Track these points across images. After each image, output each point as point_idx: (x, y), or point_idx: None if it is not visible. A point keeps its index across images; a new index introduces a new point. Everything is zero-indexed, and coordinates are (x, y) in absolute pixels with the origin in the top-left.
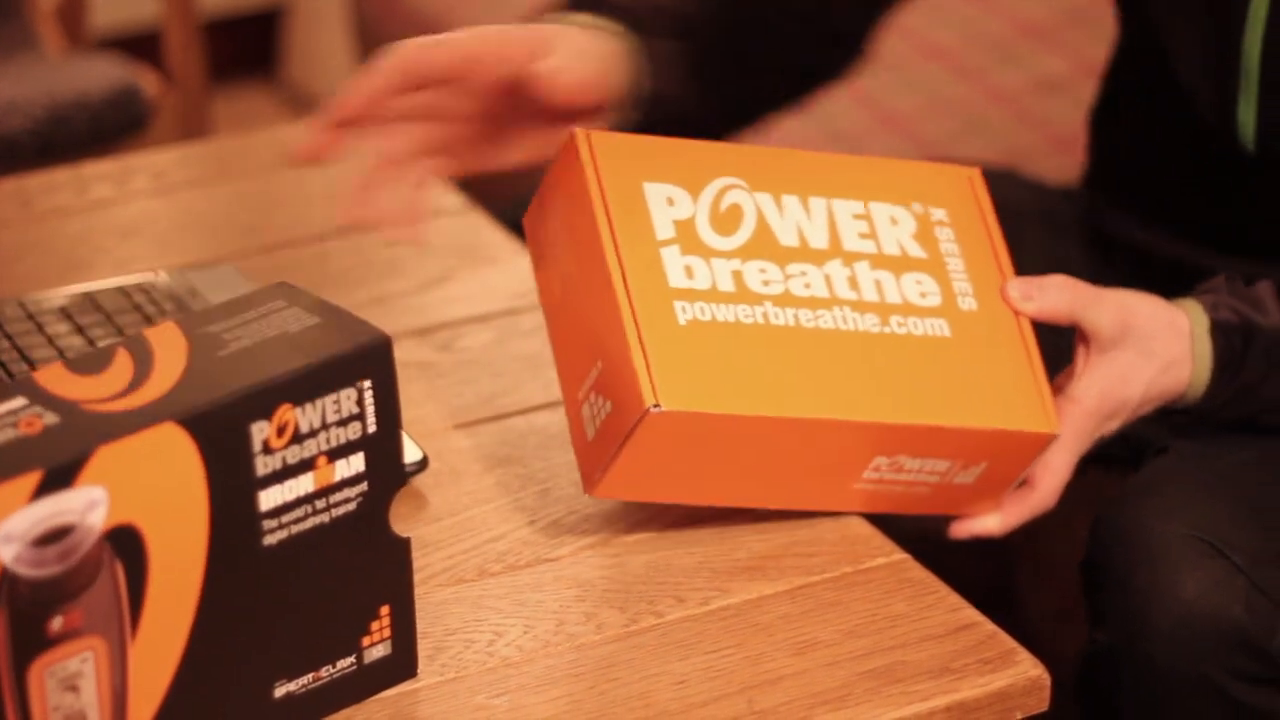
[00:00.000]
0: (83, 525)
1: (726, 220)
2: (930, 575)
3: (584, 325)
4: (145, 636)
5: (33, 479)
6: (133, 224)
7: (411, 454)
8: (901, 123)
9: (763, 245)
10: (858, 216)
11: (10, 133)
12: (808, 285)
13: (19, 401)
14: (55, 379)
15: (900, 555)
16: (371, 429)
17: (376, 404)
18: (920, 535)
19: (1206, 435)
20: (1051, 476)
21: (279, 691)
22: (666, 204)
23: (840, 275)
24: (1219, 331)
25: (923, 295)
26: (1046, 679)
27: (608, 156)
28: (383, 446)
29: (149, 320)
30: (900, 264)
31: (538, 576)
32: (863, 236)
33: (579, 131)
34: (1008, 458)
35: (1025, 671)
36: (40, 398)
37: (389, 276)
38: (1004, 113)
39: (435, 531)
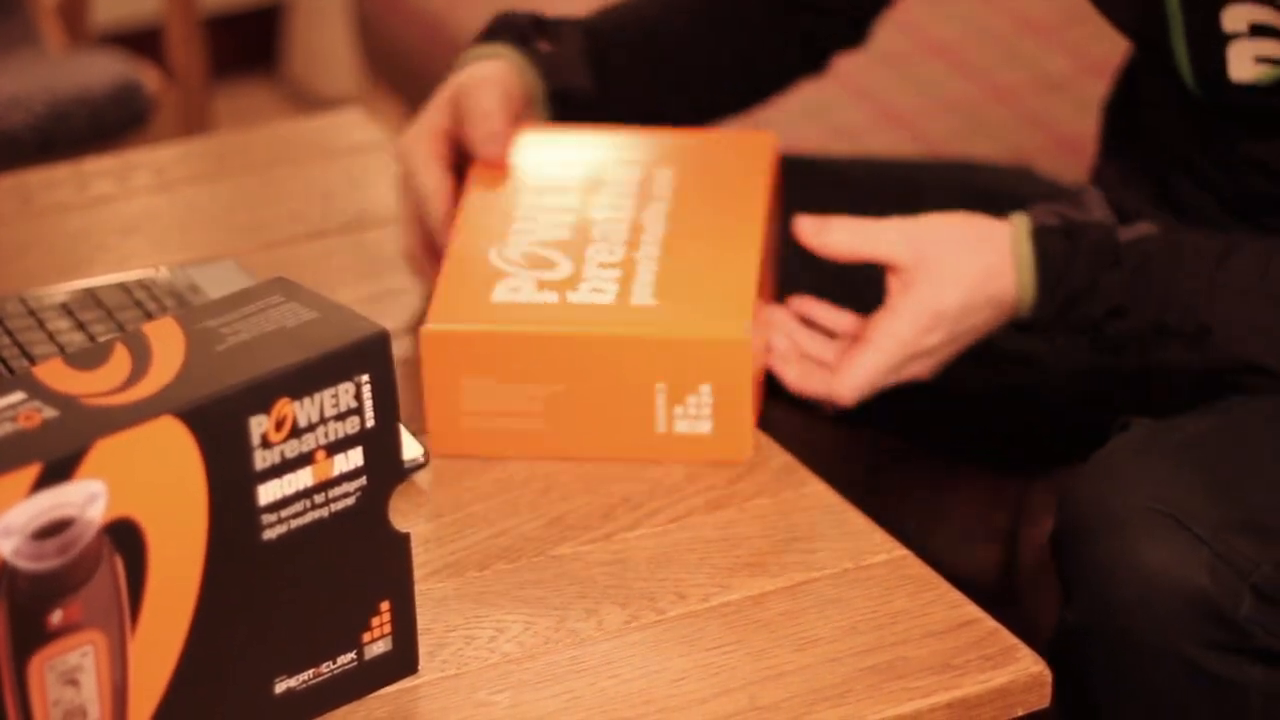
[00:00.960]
0: (82, 518)
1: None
2: (931, 572)
3: None
4: (145, 631)
5: (32, 472)
6: (133, 220)
7: (412, 450)
8: (904, 120)
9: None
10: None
11: (11, 128)
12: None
13: (18, 396)
14: (54, 374)
15: (901, 552)
16: (370, 424)
17: (375, 399)
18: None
19: (1165, 409)
20: (851, 368)
21: (279, 687)
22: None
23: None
24: (1040, 235)
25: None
26: (1048, 675)
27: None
28: (381, 441)
29: (150, 316)
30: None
31: (539, 573)
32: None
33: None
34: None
35: (1026, 668)
36: (39, 392)
37: (387, 273)
38: (1007, 111)
39: (436, 527)
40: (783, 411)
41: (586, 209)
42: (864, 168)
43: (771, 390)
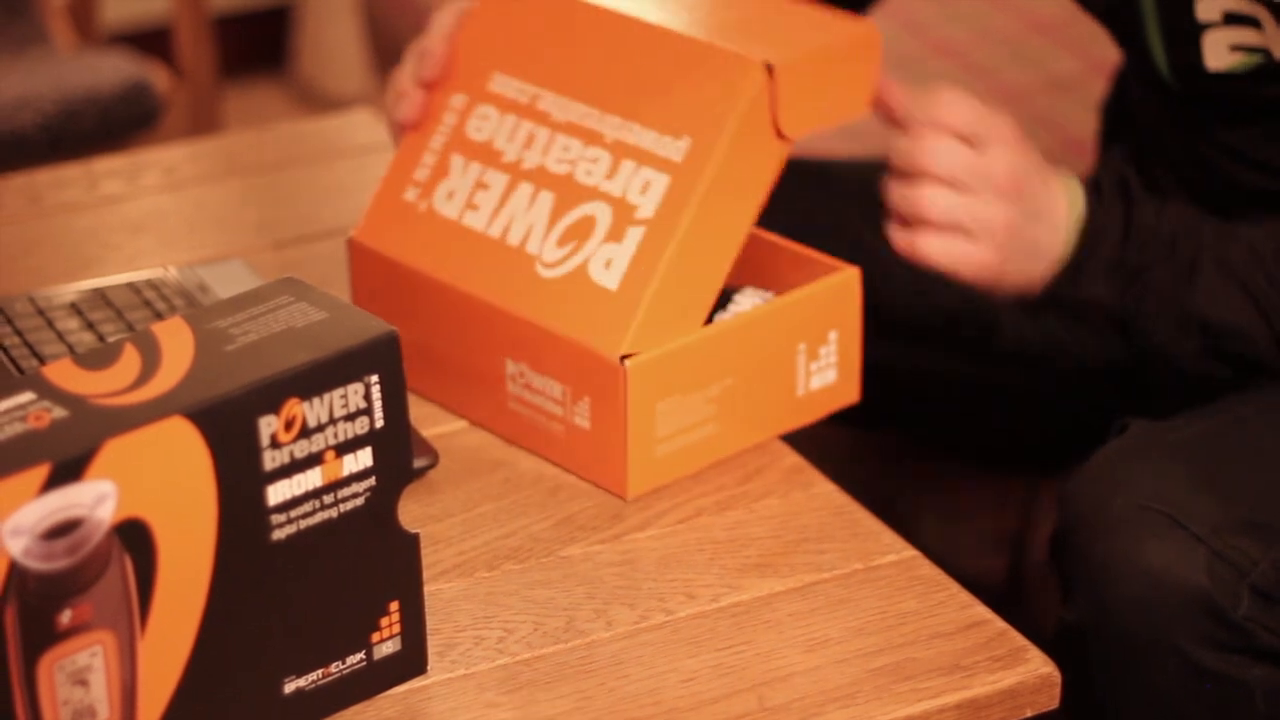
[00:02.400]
0: (91, 519)
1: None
2: (940, 572)
3: None
4: (154, 631)
5: (41, 472)
6: (143, 219)
7: (421, 451)
8: None
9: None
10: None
11: (21, 128)
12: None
13: (27, 396)
14: (63, 374)
15: (911, 552)
16: (379, 424)
17: (384, 399)
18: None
19: (1165, 411)
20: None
21: (289, 687)
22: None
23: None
24: (1093, 206)
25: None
26: (1057, 676)
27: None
28: (390, 441)
29: (159, 316)
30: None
31: (548, 573)
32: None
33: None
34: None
35: (1036, 669)
36: (48, 392)
37: None
38: (1015, 112)
39: (445, 528)
40: None
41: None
42: (872, 169)
43: None
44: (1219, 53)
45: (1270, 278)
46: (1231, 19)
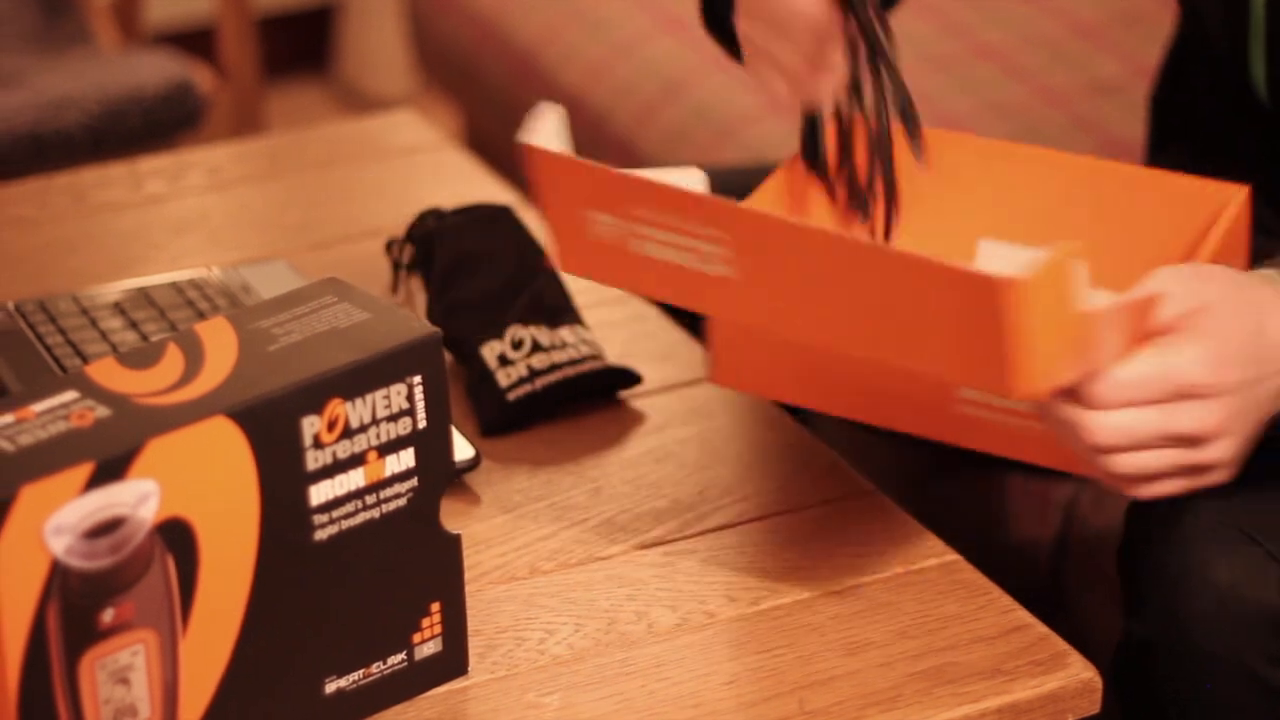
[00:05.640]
0: (134, 518)
1: None
2: (982, 576)
3: None
4: (196, 630)
5: (84, 471)
6: (186, 219)
7: (463, 451)
8: (954, 124)
9: None
10: None
11: (65, 127)
12: None
13: (71, 395)
14: (107, 373)
15: (952, 556)
16: (422, 424)
17: (427, 400)
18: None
19: None
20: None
21: (329, 687)
22: None
23: None
24: None
25: None
26: (1098, 681)
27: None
28: (433, 442)
29: (202, 315)
30: None
31: (589, 575)
32: None
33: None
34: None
35: (1077, 674)
36: (92, 391)
37: None
38: (1057, 115)
39: (487, 529)
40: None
41: None
42: None
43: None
44: None
45: None
46: None
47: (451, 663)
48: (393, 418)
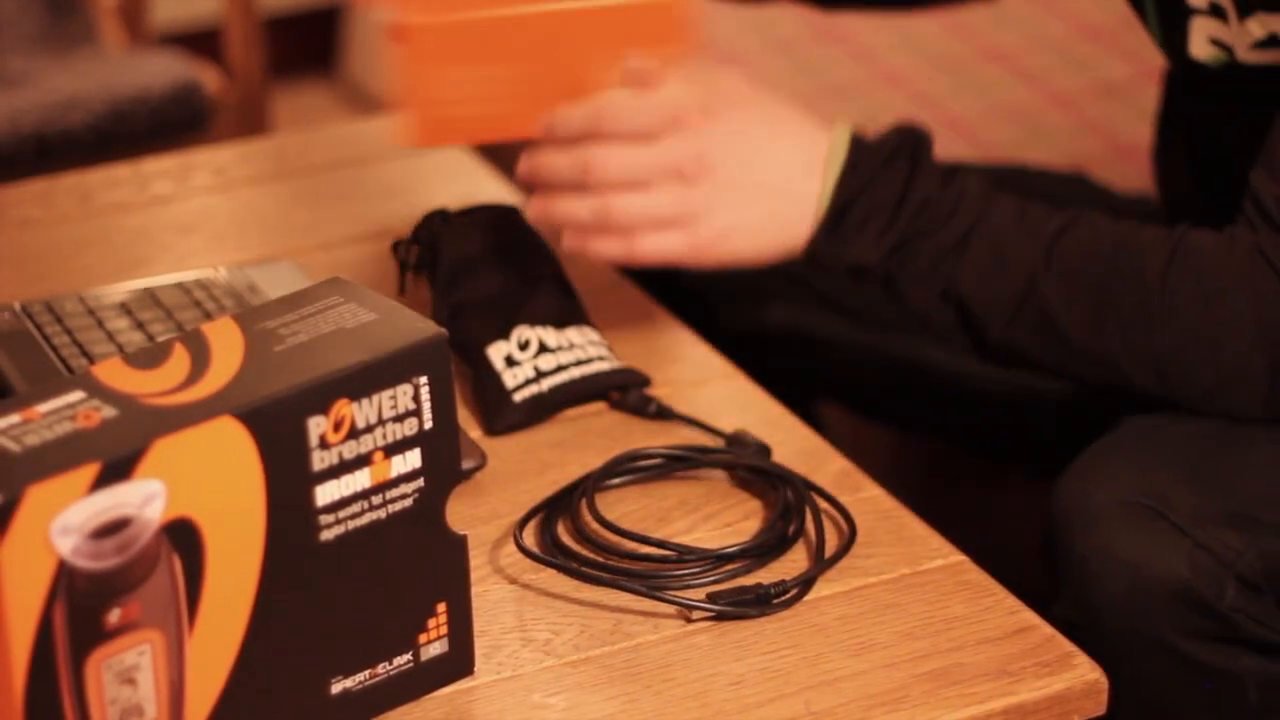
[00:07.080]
0: (140, 518)
1: None
2: (988, 577)
3: None
4: (202, 630)
5: (91, 471)
6: (192, 220)
7: (469, 452)
8: (961, 126)
9: None
10: None
11: (71, 128)
12: None
13: (77, 395)
14: (113, 373)
15: (958, 557)
16: (428, 425)
17: (433, 400)
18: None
19: (1158, 411)
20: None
21: (335, 688)
22: None
23: None
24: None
25: None
26: (1104, 682)
27: None
28: (439, 443)
29: (208, 316)
30: None
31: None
32: None
33: None
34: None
35: (1083, 674)
36: (98, 391)
37: None
38: (1065, 117)
39: (493, 529)
40: (839, 415)
41: None
42: None
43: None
44: (1201, 42)
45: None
46: (1214, 10)
47: (457, 663)
48: (399, 418)
